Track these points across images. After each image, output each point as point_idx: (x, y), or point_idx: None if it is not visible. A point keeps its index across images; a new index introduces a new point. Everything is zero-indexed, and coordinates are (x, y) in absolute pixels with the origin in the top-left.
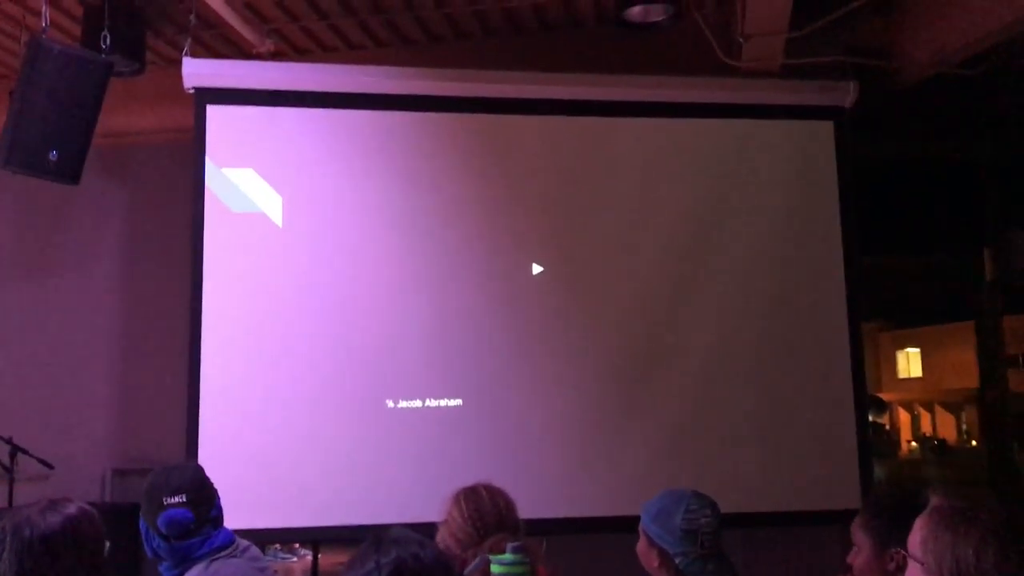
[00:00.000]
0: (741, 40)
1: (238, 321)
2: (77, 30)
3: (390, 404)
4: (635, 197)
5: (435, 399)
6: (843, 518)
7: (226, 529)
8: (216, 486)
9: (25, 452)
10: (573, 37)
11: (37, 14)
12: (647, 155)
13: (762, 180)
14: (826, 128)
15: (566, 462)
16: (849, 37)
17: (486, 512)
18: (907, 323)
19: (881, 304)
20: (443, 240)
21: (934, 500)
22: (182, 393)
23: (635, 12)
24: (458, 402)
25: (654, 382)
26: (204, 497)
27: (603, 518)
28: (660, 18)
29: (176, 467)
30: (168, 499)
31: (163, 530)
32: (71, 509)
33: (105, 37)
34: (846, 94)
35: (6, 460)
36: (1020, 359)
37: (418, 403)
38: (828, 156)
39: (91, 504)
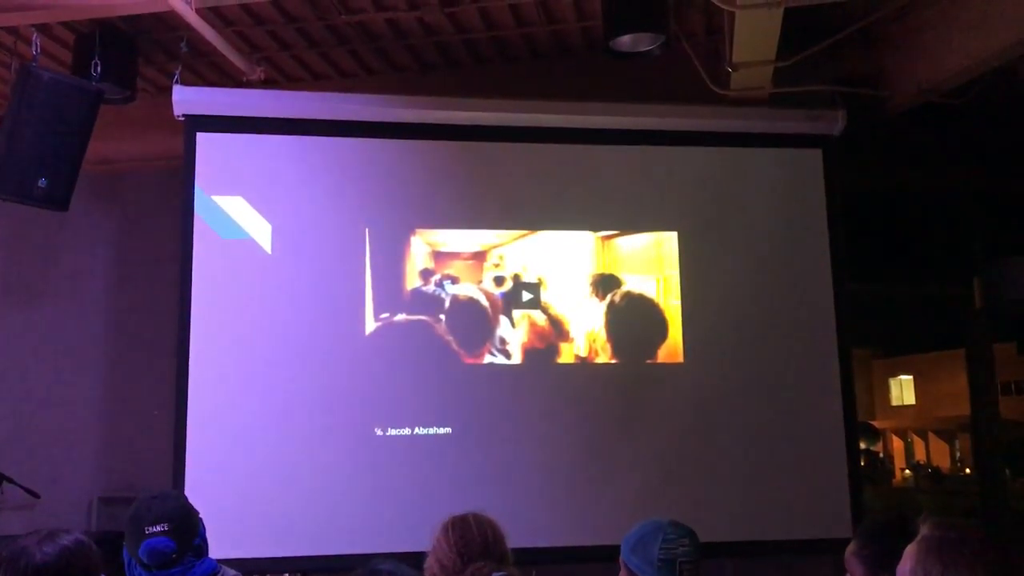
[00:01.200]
0: (729, 69)
1: (226, 348)
2: (68, 57)
3: (379, 432)
4: (622, 224)
5: (424, 427)
6: (835, 547)
7: (210, 559)
8: (202, 514)
9: (11, 481)
10: (563, 66)
11: (28, 42)
12: (636, 183)
13: (751, 208)
14: (814, 156)
15: (555, 491)
16: (837, 67)
17: (472, 540)
18: (900, 350)
19: (874, 331)
20: (429, 268)
21: (923, 529)
22: (169, 421)
23: (624, 41)
24: (447, 430)
25: (643, 410)
26: (187, 526)
27: (593, 547)
28: (649, 47)
29: (159, 495)
30: (150, 528)
31: (144, 559)
32: (67, 540)
33: (96, 65)
34: (834, 122)
35: None
36: (1012, 386)
37: (407, 431)
38: (816, 184)
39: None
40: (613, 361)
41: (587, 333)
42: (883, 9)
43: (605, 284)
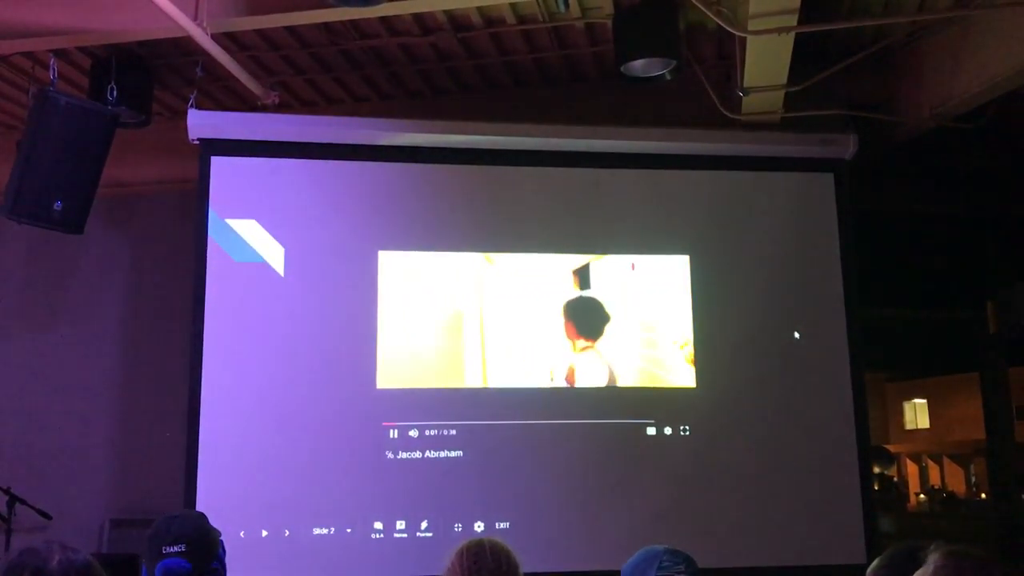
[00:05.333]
0: (741, 94)
1: (238, 371)
2: (84, 82)
3: (390, 455)
4: (635, 248)
5: (435, 451)
6: (849, 572)
7: None
8: None
9: (23, 502)
10: (574, 90)
11: (46, 66)
12: (648, 207)
13: (763, 232)
14: (826, 180)
15: (567, 516)
16: (848, 91)
17: (484, 568)
18: (913, 374)
19: (887, 355)
20: (444, 291)
21: (932, 558)
22: (181, 443)
23: (636, 66)
24: (458, 454)
25: (656, 434)
26: (204, 548)
27: (604, 572)
28: (660, 72)
29: (179, 516)
30: (167, 548)
31: None
32: (78, 557)
33: (112, 89)
34: (846, 146)
35: (4, 510)
36: None
37: (418, 454)
38: (829, 208)
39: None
40: (625, 385)
41: (600, 356)
42: (894, 33)
43: (616, 308)
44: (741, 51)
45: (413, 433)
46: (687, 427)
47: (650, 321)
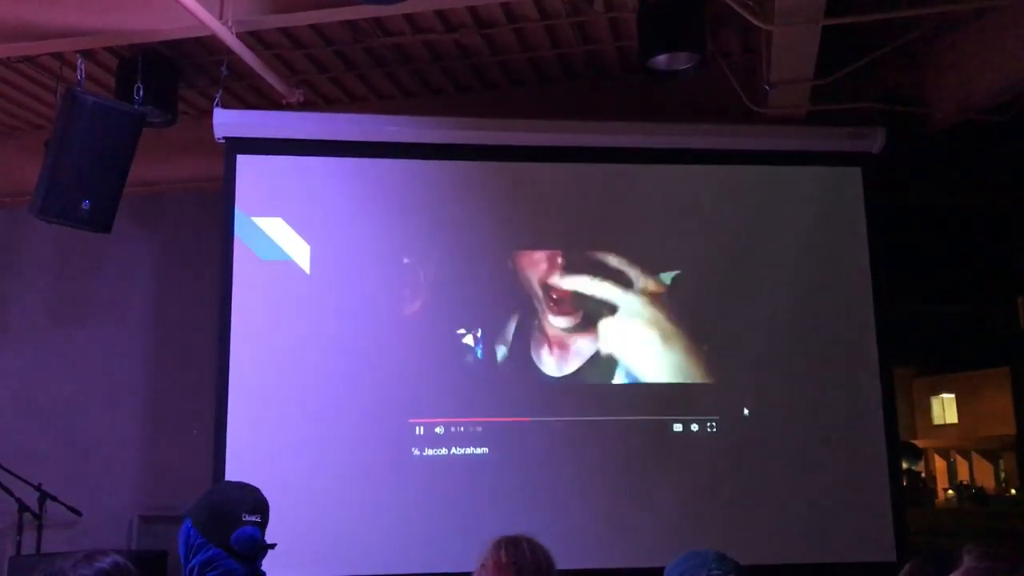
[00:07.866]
0: (767, 88)
1: (265, 368)
2: (111, 81)
3: (416, 452)
4: (662, 244)
5: (460, 447)
6: (878, 570)
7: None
8: None
9: (54, 499)
10: (598, 86)
11: (73, 67)
12: (674, 202)
13: (790, 227)
14: (854, 174)
15: (593, 512)
16: (876, 84)
17: (525, 565)
18: (940, 369)
19: (914, 350)
20: (470, 289)
21: (967, 560)
22: (209, 440)
23: (660, 60)
24: (484, 451)
25: (682, 431)
26: (267, 521)
27: (630, 570)
28: (685, 66)
29: (245, 484)
30: (248, 516)
31: (236, 547)
32: (104, 563)
33: (138, 89)
34: (874, 140)
35: (35, 507)
36: None
37: (444, 451)
38: (857, 202)
39: (117, 551)
40: (651, 381)
41: (624, 353)
42: (923, 26)
43: (643, 304)
44: (767, 44)
45: (439, 430)
46: (714, 424)
47: (676, 317)
